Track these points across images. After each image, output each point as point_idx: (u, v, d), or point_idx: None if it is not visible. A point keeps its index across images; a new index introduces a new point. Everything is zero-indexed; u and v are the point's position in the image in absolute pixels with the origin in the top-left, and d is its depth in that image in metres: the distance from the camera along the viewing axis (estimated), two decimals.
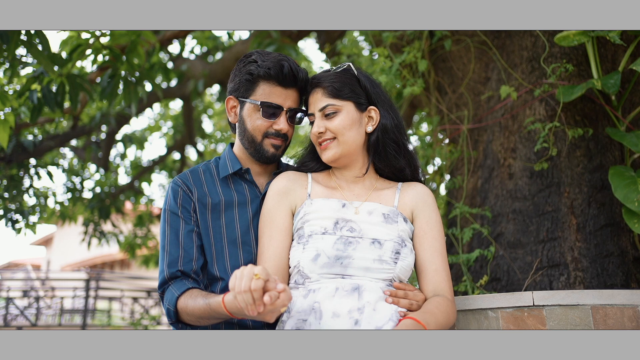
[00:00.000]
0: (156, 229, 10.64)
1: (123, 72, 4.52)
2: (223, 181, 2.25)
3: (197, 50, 7.80)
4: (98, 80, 4.97)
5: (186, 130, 7.97)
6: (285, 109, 2.18)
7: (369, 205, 2.08)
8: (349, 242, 1.96)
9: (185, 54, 7.67)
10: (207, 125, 10.10)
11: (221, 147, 10.13)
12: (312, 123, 2.19)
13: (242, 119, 2.24)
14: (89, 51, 4.46)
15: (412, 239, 2.08)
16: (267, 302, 1.55)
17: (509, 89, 3.24)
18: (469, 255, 3.18)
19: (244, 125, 2.23)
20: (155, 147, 52.25)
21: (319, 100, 2.13)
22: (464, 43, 3.73)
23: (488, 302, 2.33)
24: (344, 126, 2.08)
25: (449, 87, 3.89)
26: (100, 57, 4.69)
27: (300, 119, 2.25)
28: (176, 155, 9.38)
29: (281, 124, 2.17)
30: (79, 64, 5.69)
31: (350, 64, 2.21)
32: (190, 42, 7.72)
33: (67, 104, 6.32)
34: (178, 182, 2.22)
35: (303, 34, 5.45)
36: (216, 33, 7.46)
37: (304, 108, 2.26)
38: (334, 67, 2.21)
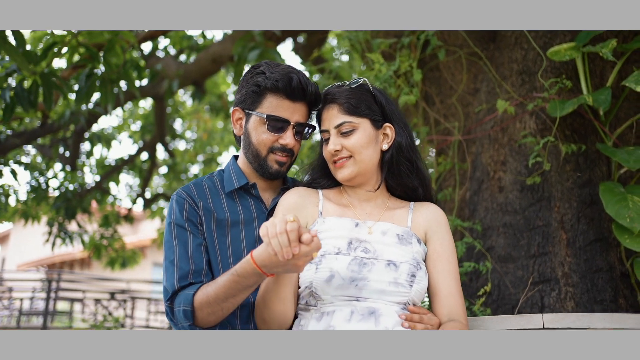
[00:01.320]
0: (123, 230, 10.40)
1: (100, 72, 4.39)
2: (228, 196, 2.17)
3: (171, 49, 7.64)
4: (71, 78, 4.82)
5: (157, 130, 7.80)
6: (292, 123, 2.10)
7: (382, 225, 2.02)
8: (363, 263, 1.90)
9: (158, 53, 7.50)
10: (177, 125, 9.89)
11: (190, 147, 9.98)
12: (325, 140, 2.12)
13: (247, 131, 2.16)
14: (64, 49, 4.31)
15: (424, 261, 2.04)
16: (306, 241, 1.60)
17: (505, 104, 3.23)
18: (461, 269, 3.16)
19: (249, 139, 2.15)
20: (124, 146, 51.29)
21: (334, 116, 2.07)
22: (456, 55, 3.71)
23: (497, 324, 2.30)
24: (361, 144, 2.02)
25: (437, 96, 3.87)
26: (76, 56, 4.55)
27: (308, 135, 2.18)
28: (146, 155, 9.18)
29: (287, 138, 2.09)
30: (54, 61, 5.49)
31: (366, 80, 2.15)
32: (163, 40, 7.56)
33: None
34: (183, 194, 2.12)
35: (287, 34, 5.38)
36: (191, 33, 7.32)
37: (312, 123, 2.19)
38: (348, 82, 2.16)
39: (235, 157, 2.32)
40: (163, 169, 9.88)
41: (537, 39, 3.48)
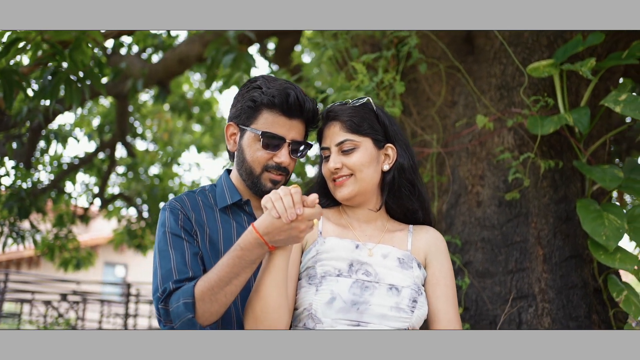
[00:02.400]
0: (77, 230, 10.08)
1: (64, 69, 4.21)
2: (222, 211, 2.08)
3: (135, 47, 7.44)
4: (32, 75, 4.62)
5: (118, 129, 7.59)
6: (288, 140, 2.03)
7: (383, 248, 1.98)
8: (365, 286, 1.86)
9: (121, 51, 7.29)
10: (137, 124, 9.66)
11: (152, 148, 9.75)
12: (325, 158, 2.07)
13: (241, 148, 2.08)
14: (28, 46, 4.12)
15: (423, 285, 2.00)
16: (310, 202, 1.70)
17: (484, 119, 3.23)
18: None
19: (243, 155, 2.07)
20: (82, 144, 49.82)
21: (336, 134, 2.03)
22: (435, 68, 3.70)
23: None
24: (362, 163, 1.98)
25: (414, 107, 3.85)
26: (39, 52, 4.36)
27: (304, 153, 2.11)
28: (105, 154, 8.92)
29: (282, 156, 2.02)
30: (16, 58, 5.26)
31: (370, 99, 2.11)
32: (126, 38, 7.35)
33: None
34: (176, 205, 2.03)
35: (261, 37, 5.29)
36: (156, 31, 7.15)
37: (308, 141, 2.13)
38: (352, 101, 2.11)
39: (228, 172, 2.24)
40: (121, 169, 9.63)
41: (516, 54, 3.50)
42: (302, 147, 2.08)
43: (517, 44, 3.50)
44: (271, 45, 7.51)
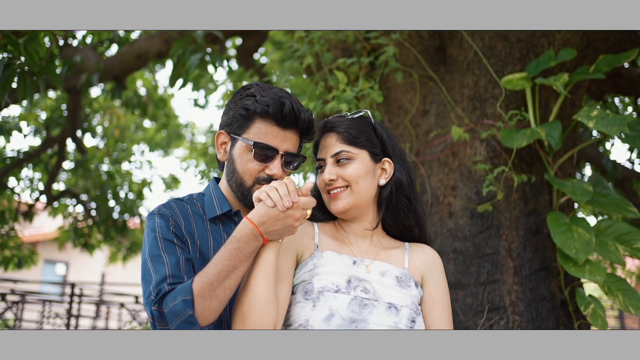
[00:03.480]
0: (19, 227, 9.66)
1: (19, 62, 4.00)
2: (212, 221, 1.98)
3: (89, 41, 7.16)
4: None
5: (69, 124, 7.29)
6: (281, 152, 1.94)
7: (380, 265, 1.92)
8: (364, 304, 1.80)
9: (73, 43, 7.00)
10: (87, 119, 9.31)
11: (102, 144, 9.43)
12: (319, 168, 2.02)
13: (232, 158, 1.98)
14: None
15: (419, 304, 1.96)
16: (305, 190, 1.75)
17: (460, 130, 3.22)
18: None
19: (234, 166, 1.97)
20: (27, 139, 47.76)
21: (332, 145, 1.97)
22: (410, 78, 3.68)
23: None
24: (358, 174, 1.93)
25: (385, 115, 3.83)
26: None
27: (297, 166, 2.03)
28: (54, 149, 8.56)
29: (274, 169, 1.93)
30: None
31: (368, 112, 2.06)
32: (80, 31, 7.08)
33: None
34: (166, 211, 1.91)
35: (225, 34, 5.16)
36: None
37: (303, 155, 2.05)
38: (349, 113, 2.06)
39: (217, 180, 2.13)
40: (69, 165, 9.28)
41: (490, 66, 3.52)
42: (295, 160, 2.00)
43: (490, 55, 3.52)
44: (229, 44, 7.38)
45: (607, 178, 5.46)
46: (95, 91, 9.09)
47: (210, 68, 4.57)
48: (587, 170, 6.87)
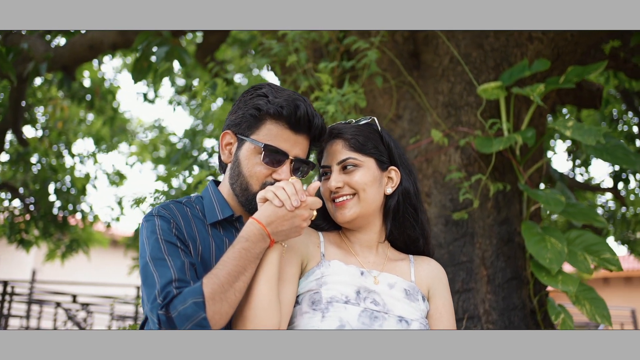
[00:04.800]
0: None
1: None
2: (213, 226, 1.86)
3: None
4: None
5: (11, 115, 6.90)
6: (291, 157, 1.83)
7: (388, 277, 1.85)
8: (374, 316, 1.72)
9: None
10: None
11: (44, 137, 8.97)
12: (324, 176, 1.92)
13: (237, 160, 1.85)
14: None
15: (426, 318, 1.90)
16: (312, 190, 1.71)
17: (439, 134, 3.20)
18: None
19: (239, 169, 1.84)
20: None
21: (338, 152, 1.88)
22: (386, 84, 3.64)
23: None
24: (365, 182, 1.85)
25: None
26: None
27: (305, 173, 1.93)
28: None
29: (283, 174, 1.81)
30: None
31: (375, 119, 1.98)
32: None
33: None
34: (166, 213, 1.77)
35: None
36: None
37: (313, 161, 1.95)
38: (355, 120, 1.98)
39: (216, 183, 2.00)
40: (5, 157, 8.80)
41: (464, 73, 3.52)
42: (304, 167, 1.90)
43: (465, 63, 3.52)
44: (186, 37, 7.18)
45: (553, 187, 5.61)
46: (37, 81, 8.66)
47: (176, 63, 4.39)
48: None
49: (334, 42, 3.77)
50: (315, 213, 1.75)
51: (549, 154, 8.40)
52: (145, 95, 8.43)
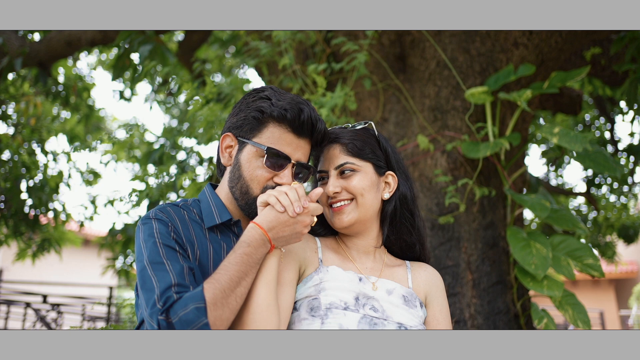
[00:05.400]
0: None
1: None
2: (210, 230, 1.81)
3: None
4: None
5: None
6: (293, 161, 1.81)
7: (386, 283, 1.83)
8: (374, 323, 1.70)
9: None
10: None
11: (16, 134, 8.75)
12: (319, 180, 1.90)
13: (238, 163, 1.82)
14: None
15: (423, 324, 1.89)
16: (314, 196, 1.71)
17: (425, 139, 3.20)
18: None
19: (240, 172, 1.81)
20: None
21: (336, 157, 1.86)
22: (374, 87, 3.63)
23: None
24: (363, 187, 1.83)
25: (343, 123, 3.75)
26: None
27: (306, 178, 1.90)
28: None
29: (285, 178, 1.79)
30: None
31: (371, 123, 1.97)
32: None
33: None
34: (164, 216, 1.73)
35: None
36: None
37: (312, 166, 1.93)
38: (351, 125, 1.96)
39: (213, 186, 1.96)
40: None
41: (450, 78, 3.53)
42: (304, 172, 1.87)
43: (452, 67, 3.53)
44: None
45: (530, 191, 5.67)
46: (10, 76, 8.45)
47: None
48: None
49: (320, 44, 3.75)
50: (315, 219, 1.73)
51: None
52: (121, 92, 8.29)
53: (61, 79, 8.47)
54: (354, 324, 1.69)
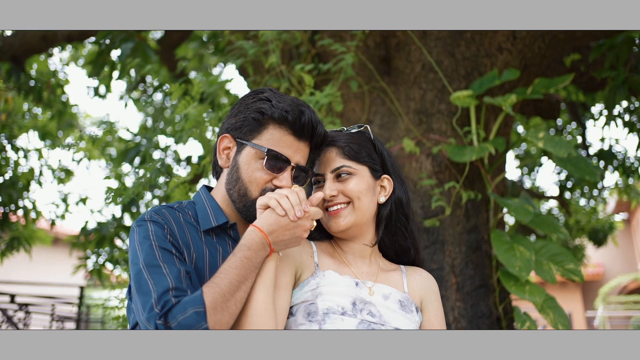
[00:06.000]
0: None
1: None
2: (206, 234, 1.77)
3: None
4: None
5: None
6: (293, 164, 1.78)
7: (383, 288, 1.82)
8: (372, 328, 1.69)
9: None
10: None
11: None
12: (315, 183, 1.88)
13: (236, 165, 1.78)
14: None
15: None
16: (315, 200, 1.71)
17: (411, 143, 3.20)
18: None
19: (238, 174, 1.77)
20: None
21: (332, 160, 1.84)
22: (359, 89, 3.62)
23: None
24: (359, 190, 1.81)
25: (327, 125, 3.73)
26: None
27: (304, 181, 1.87)
28: None
29: (284, 180, 1.76)
30: None
31: (367, 126, 1.96)
32: None
33: None
34: (159, 218, 1.69)
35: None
36: None
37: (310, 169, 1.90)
38: (347, 128, 1.95)
39: (208, 188, 1.92)
40: None
41: (435, 81, 3.54)
42: (303, 175, 1.84)
43: (437, 71, 3.54)
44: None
45: (507, 194, 5.74)
46: None
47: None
48: None
49: (305, 44, 3.73)
50: (315, 224, 1.71)
51: None
52: (96, 89, 8.14)
53: (33, 74, 8.29)
54: (352, 329, 1.67)
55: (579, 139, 8.20)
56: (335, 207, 1.82)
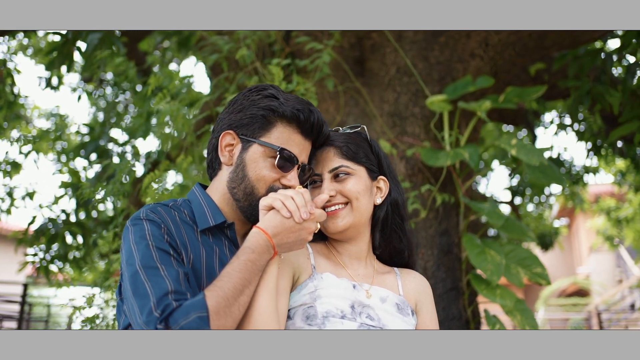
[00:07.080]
0: None
1: None
2: (202, 233, 1.71)
3: None
4: None
5: None
6: (299, 163, 1.75)
7: (379, 291, 1.79)
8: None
9: None
10: None
11: None
12: (311, 183, 1.85)
13: (242, 163, 1.72)
14: None
15: None
16: (320, 202, 1.67)
17: (387, 145, 3.20)
18: None
19: (244, 172, 1.72)
20: None
21: (330, 160, 1.81)
22: (334, 89, 3.60)
23: None
24: (358, 190, 1.79)
25: None
26: None
27: (306, 180, 1.84)
28: None
29: (292, 180, 1.72)
30: None
31: (364, 127, 1.94)
32: None
33: None
34: (155, 217, 1.61)
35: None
36: None
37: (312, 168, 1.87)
38: (344, 128, 1.93)
39: (203, 187, 1.85)
40: None
41: (410, 84, 3.56)
42: (306, 174, 1.81)
43: (411, 74, 3.56)
44: None
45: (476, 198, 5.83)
46: None
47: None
48: None
49: (279, 43, 3.68)
50: (319, 226, 1.67)
51: None
52: (48, 80, 7.85)
53: None
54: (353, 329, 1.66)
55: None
56: (333, 208, 1.79)
